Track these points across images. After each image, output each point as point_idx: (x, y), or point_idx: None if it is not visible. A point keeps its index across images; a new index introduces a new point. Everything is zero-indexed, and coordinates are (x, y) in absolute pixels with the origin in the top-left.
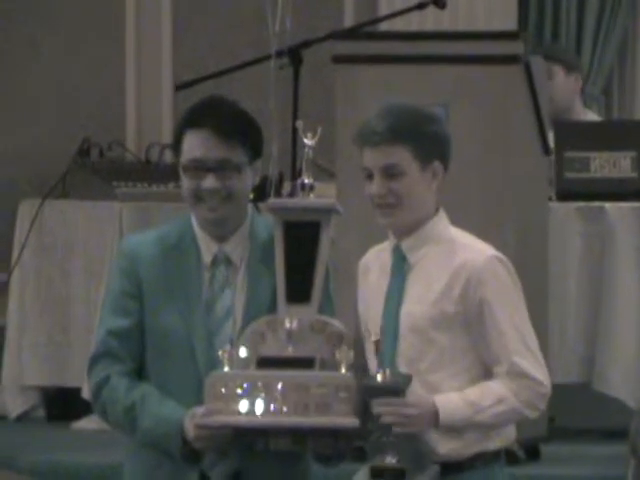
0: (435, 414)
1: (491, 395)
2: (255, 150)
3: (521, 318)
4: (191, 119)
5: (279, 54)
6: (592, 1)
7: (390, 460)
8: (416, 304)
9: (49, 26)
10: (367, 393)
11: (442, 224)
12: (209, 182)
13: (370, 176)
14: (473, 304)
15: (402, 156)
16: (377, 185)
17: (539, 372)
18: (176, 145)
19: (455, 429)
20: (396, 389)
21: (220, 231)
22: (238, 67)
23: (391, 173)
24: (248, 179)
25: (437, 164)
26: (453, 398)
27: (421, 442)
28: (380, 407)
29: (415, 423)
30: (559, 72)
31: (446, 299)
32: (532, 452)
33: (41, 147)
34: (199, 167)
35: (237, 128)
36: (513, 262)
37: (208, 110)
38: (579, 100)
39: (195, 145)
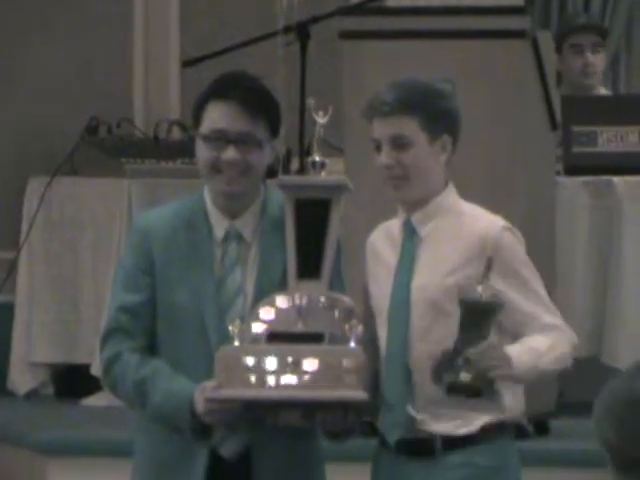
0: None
1: (543, 342)
2: (275, 128)
3: (538, 283)
4: (217, 90)
5: (286, 30)
6: None
7: (465, 376)
8: (428, 276)
9: (58, 4)
10: (466, 309)
11: (452, 197)
12: (230, 154)
13: (379, 148)
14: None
15: (410, 127)
16: (385, 156)
17: (566, 326)
18: (196, 116)
19: (522, 380)
20: (497, 304)
21: (233, 206)
22: (245, 43)
23: (399, 144)
24: (267, 156)
25: (446, 137)
26: (516, 346)
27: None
28: (474, 355)
29: (506, 366)
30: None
31: (459, 270)
32: (541, 427)
33: (49, 125)
34: (221, 138)
35: (262, 104)
36: None
37: (234, 83)
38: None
39: (219, 116)
